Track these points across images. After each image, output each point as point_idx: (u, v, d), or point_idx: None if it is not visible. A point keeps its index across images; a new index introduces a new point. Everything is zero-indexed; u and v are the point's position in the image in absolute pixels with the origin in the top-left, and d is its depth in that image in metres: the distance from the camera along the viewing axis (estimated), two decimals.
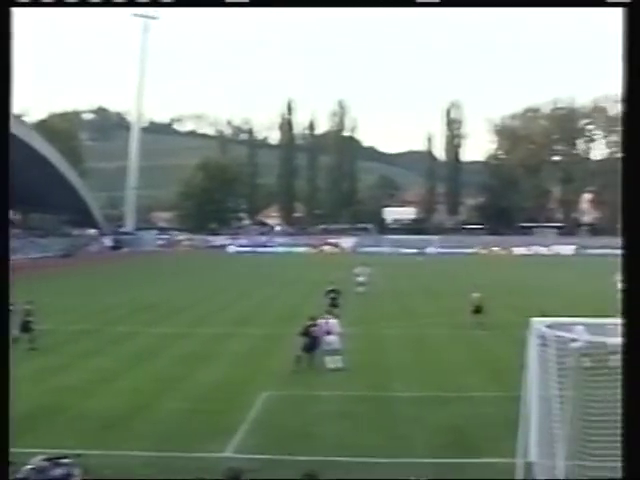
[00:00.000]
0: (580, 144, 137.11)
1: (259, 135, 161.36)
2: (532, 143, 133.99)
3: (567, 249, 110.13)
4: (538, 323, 13.17)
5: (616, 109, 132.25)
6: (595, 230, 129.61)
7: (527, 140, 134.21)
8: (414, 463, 14.05)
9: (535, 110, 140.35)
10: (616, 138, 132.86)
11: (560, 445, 12.02)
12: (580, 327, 17.72)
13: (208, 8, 9.46)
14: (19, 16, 9.76)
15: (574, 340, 17.77)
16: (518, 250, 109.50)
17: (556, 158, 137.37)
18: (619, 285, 43.14)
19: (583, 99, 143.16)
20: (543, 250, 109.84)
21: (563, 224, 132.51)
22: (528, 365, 13.03)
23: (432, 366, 23.99)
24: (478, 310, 32.34)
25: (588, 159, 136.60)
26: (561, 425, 12.04)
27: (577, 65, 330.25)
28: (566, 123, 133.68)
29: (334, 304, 32.64)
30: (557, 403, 12.14)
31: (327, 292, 34.24)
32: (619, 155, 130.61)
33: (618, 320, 17.92)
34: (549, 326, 12.95)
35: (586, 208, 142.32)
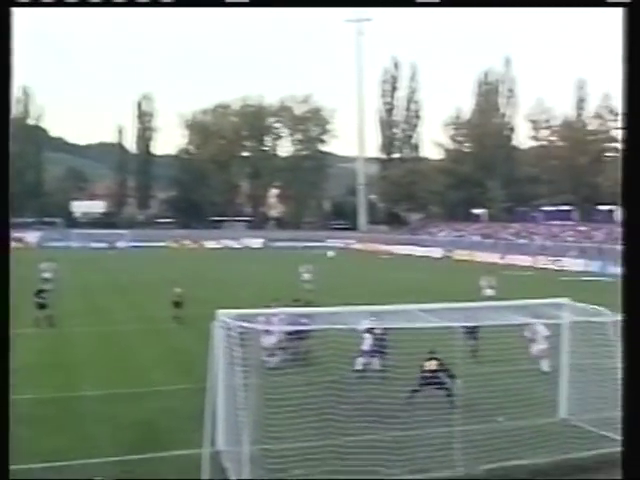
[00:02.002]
0: (268, 141, 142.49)
1: None
2: (222, 138, 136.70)
3: (256, 242, 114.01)
4: (224, 315, 13.51)
5: (301, 109, 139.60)
6: (281, 223, 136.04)
7: (217, 135, 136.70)
8: (102, 462, 13.80)
9: (225, 106, 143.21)
10: (301, 136, 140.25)
11: (245, 432, 12.47)
12: (275, 318, 18.52)
13: (208, 8, 8.43)
14: None
15: (268, 332, 18.58)
16: (209, 244, 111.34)
17: (245, 154, 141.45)
18: (305, 276, 45.74)
19: (271, 98, 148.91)
20: (233, 243, 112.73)
21: (252, 218, 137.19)
22: (214, 356, 13.33)
23: (122, 363, 23.64)
24: (178, 304, 32.31)
25: (275, 155, 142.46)
26: (246, 412, 12.48)
27: (266, 65, 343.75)
28: (255, 120, 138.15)
29: (43, 305, 30.61)
30: (242, 392, 12.56)
31: (36, 292, 31.45)
32: (304, 153, 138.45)
33: (315, 309, 18.90)
34: (234, 317, 13.33)
35: (273, 202, 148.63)
